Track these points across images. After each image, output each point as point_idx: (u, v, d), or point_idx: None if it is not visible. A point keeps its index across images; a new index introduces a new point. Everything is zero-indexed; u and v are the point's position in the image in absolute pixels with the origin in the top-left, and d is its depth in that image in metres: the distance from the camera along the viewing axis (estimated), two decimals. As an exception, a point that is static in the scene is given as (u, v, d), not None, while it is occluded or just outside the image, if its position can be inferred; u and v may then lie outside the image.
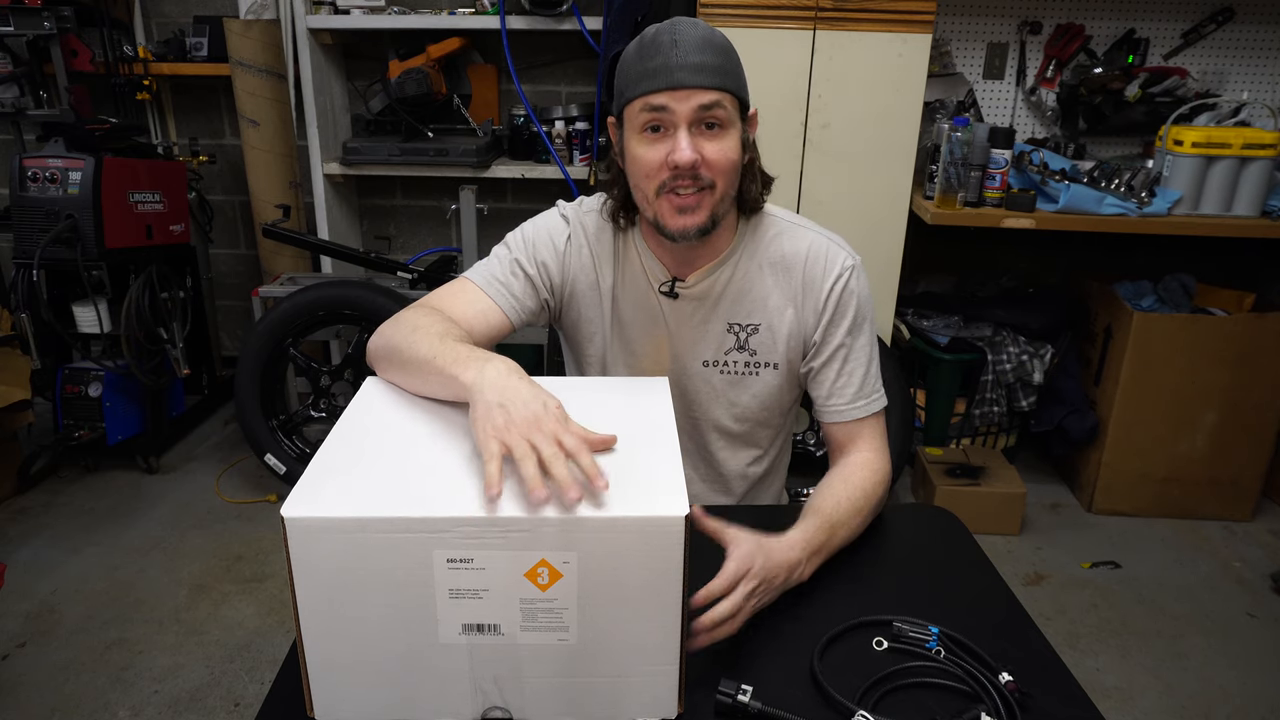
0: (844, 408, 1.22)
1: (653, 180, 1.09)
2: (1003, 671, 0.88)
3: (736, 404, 1.27)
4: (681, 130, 1.06)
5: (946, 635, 0.93)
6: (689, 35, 1.06)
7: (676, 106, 1.05)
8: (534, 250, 1.22)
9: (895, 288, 2.60)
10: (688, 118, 1.06)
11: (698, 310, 1.22)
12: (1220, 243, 2.56)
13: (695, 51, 1.05)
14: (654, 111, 1.06)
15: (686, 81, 1.04)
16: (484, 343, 1.15)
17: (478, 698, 0.80)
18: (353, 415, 0.91)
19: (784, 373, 1.25)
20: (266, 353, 2.61)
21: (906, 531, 1.23)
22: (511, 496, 0.75)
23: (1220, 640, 2.18)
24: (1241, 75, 2.87)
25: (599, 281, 1.24)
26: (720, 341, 1.23)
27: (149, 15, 3.20)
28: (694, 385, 1.26)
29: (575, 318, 1.27)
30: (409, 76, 2.84)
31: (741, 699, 0.83)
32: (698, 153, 1.06)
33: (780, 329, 1.22)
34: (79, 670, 2.01)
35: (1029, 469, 2.95)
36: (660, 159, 1.08)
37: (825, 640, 0.93)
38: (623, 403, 0.97)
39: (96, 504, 2.71)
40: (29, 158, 2.53)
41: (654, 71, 1.05)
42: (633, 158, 1.11)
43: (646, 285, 1.23)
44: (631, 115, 1.09)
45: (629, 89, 1.08)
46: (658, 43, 1.06)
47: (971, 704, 0.85)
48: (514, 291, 1.20)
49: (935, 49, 2.80)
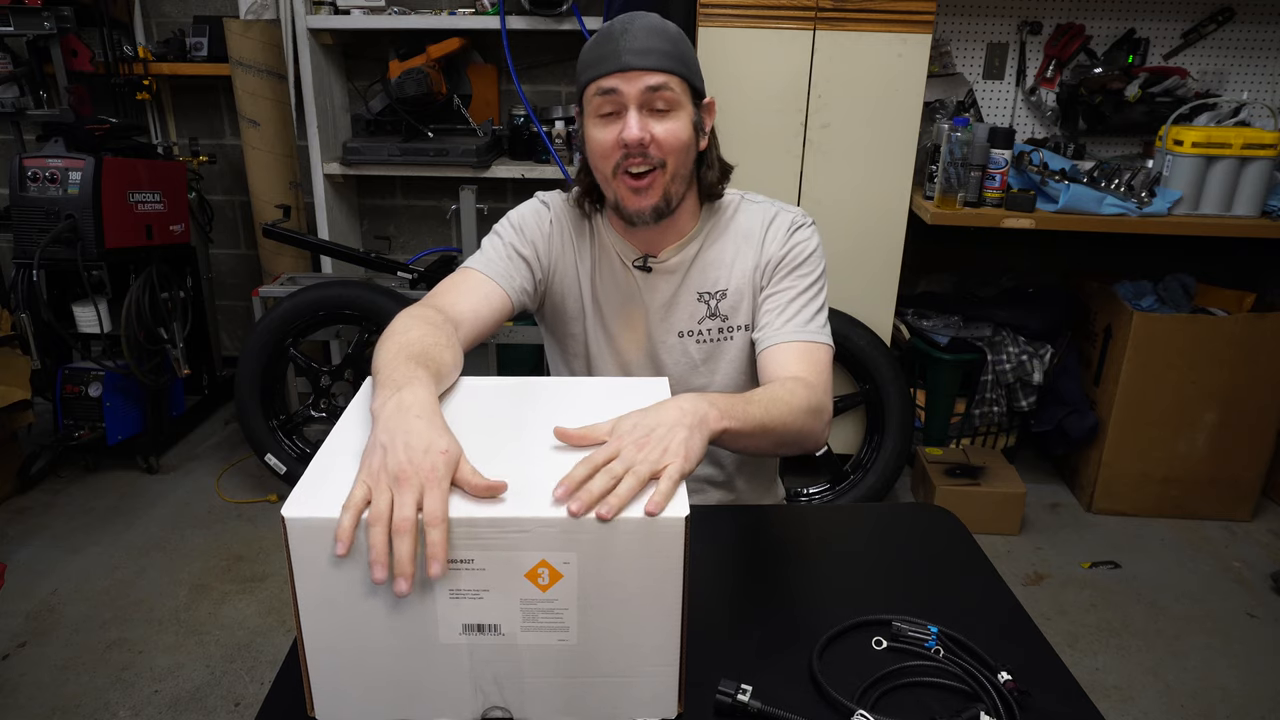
0: (775, 333, 1.21)
1: (608, 160, 1.15)
2: (1002, 671, 0.88)
3: (716, 371, 1.31)
4: (631, 111, 1.12)
5: (945, 635, 0.93)
6: (639, 24, 1.13)
7: (625, 88, 1.11)
8: (524, 235, 1.27)
9: (895, 288, 2.60)
10: (636, 99, 1.11)
11: (670, 282, 1.27)
12: (1220, 243, 2.56)
13: (643, 37, 1.11)
14: (605, 95, 1.12)
15: (634, 64, 1.10)
16: (490, 327, 1.19)
17: (478, 698, 0.80)
18: (353, 415, 0.91)
19: (749, 333, 1.29)
20: (266, 353, 2.61)
21: (906, 531, 1.23)
22: (512, 495, 0.75)
23: (1220, 640, 2.18)
24: (1241, 75, 2.87)
25: (577, 265, 1.29)
26: (693, 311, 1.28)
27: (149, 15, 3.21)
28: (672, 358, 1.30)
29: (559, 299, 1.31)
30: (409, 76, 2.84)
31: (741, 698, 0.83)
32: (646, 131, 1.12)
33: (745, 289, 1.27)
34: (79, 670, 2.01)
35: (1029, 469, 2.95)
36: (613, 139, 1.13)
37: (825, 640, 0.93)
38: (623, 403, 0.97)
39: (96, 504, 2.71)
40: (29, 158, 2.53)
41: (604, 57, 1.12)
42: (589, 139, 1.17)
43: (620, 265, 1.28)
44: (587, 101, 1.15)
45: (583, 74, 1.15)
46: (610, 32, 1.13)
47: (970, 703, 0.85)
48: (513, 274, 1.24)
49: (935, 49, 2.81)
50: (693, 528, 0.74)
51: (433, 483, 0.73)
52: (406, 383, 0.86)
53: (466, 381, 1.00)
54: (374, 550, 0.71)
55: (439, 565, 0.70)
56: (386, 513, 0.71)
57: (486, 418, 0.92)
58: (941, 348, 2.77)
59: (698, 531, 0.76)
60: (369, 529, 0.71)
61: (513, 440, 0.86)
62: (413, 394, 0.83)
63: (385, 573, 0.70)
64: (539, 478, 0.78)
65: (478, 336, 1.16)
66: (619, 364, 1.32)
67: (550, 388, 1.02)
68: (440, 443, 0.77)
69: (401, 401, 0.82)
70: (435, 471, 0.74)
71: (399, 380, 0.86)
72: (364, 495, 0.73)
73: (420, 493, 0.72)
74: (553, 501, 0.74)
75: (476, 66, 3.10)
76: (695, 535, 0.75)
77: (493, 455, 0.81)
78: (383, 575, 0.70)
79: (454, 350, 1.02)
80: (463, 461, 0.77)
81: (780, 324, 1.22)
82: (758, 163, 2.46)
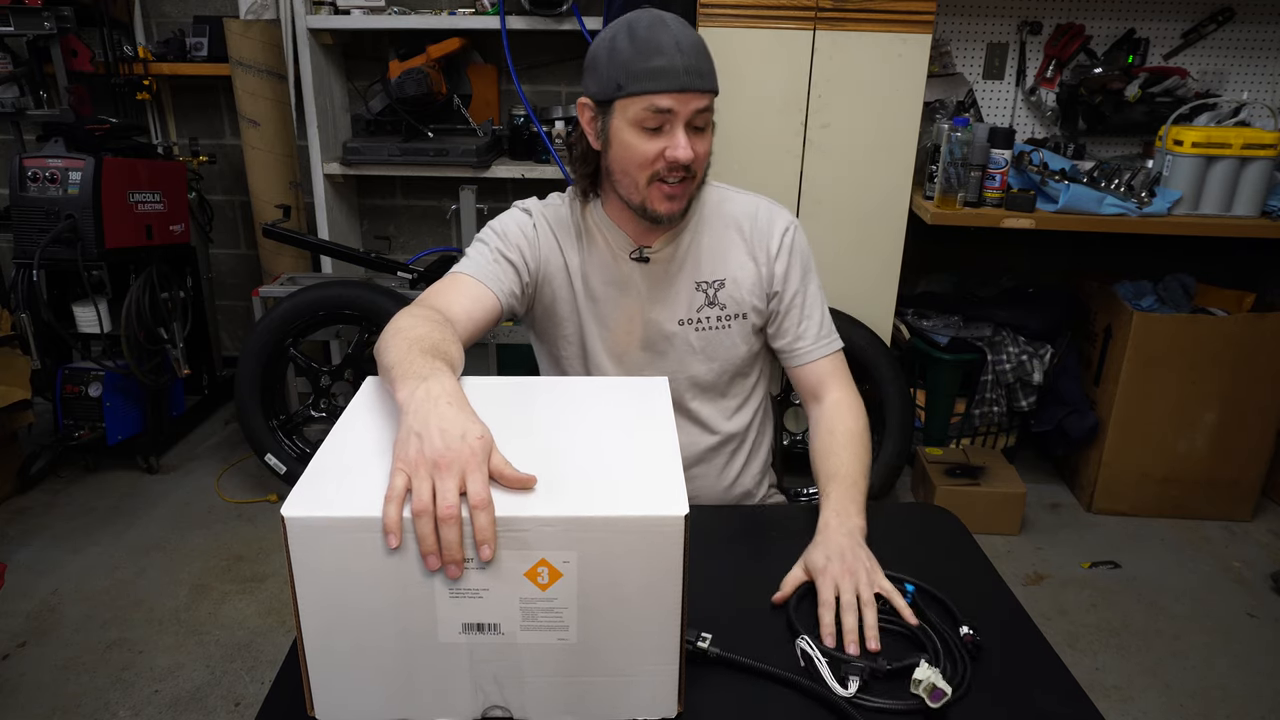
0: (810, 348, 1.34)
1: (645, 170, 1.18)
2: (964, 626, 0.94)
3: (714, 357, 1.34)
4: (680, 130, 1.16)
5: (923, 589, 1.01)
6: (687, 38, 1.14)
7: (680, 109, 1.14)
8: (507, 238, 1.28)
9: (895, 288, 2.59)
10: (686, 118, 1.15)
11: (666, 272, 1.31)
12: (1220, 243, 2.56)
13: (695, 55, 1.14)
14: (659, 113, 1.14)
15: (692, 86, 1.14)
16: (481, 330, 1.20)
17: (478, 697, 0.80)
18: (353, 415, 0.91)
19: (751, 321, 1.34)
20: (266, 353, 2.61)
21: (906, 531, 1.23)
22: (512, 494, 0.75)
23: (1220, 640, 2.18)
24: (1241, 75, 2.87)
25: (566, 264, 1.30)
26: (691, 300, 1.32)
27: (149, 15, 3.21)
28: (672, 346, 1.33)
29: (549, 301, 1.32)
30: (409, 76, 2.84)
31: (701, 645, 0.89)
32: (692, 150, 1.16)
33: (743, 280, 1.32)
34: (79, 670, 2.01)
35: (1029, 469, 2.95)
36: (656, 152, 1.17)
37: (799, 594, 1.02)
38: (623, 403, 0.97)
39: (96, 504, 2.71)
40: (29, 158, 2.53)
41: (659, 72, 1.12)
42: (624, 145, 1.18)
43: (613, 256, 1.30)
44: (628, 107, 1.15)
45: (629, 83, 1.14)
46: (658, 42, 1.13)
47: (918, 653, 0.91)
48: (502, 278, 1.25)
49: (935, 49, 2.81)
50: (692, 527, 0.74)
51: (473, 467, 0.74)
52: (431, 374, 0.87)
53: (466, 381, 1.00)
54: (423, 541, 0.71)
55: (489, 548, 0.71)
56: (430, 501, 0.72)
57: (486, 417, 0.92)
58: (941, 348, 2.77)
59: (697, 531, 0.76)
60: (415, 520, 0.72)
61: (513, 440, 0.86)
62: (439, 384, 0.84)
63: (439, 561, 0.72)
64: (538, 477, 0.77)
65: (470, 338, 1.17)
66: (614, 356, 1.33)
67: (550, 387, 1.03)
68: (475, 428, 0.78)
69: (430, 391, 0.83)
70: (475, 456, 0.75)
71: (422, 372, 0.87)
72: (404, 484, 0.74)
73: (461, 478, 0.73)
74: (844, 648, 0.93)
75: (476, 66, 3.10)
76: (694, 534, 0.75)
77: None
78: (437, 564, 0.72)
79: (459, 347, 1.03)
80: (495, 451, 0.78)
81: (812, 338, 1.34)
82: (758, 163, 2.46)
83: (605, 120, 1.19)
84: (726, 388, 1.38)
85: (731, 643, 0.90)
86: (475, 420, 0.80)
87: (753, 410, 1.42)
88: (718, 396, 1.38)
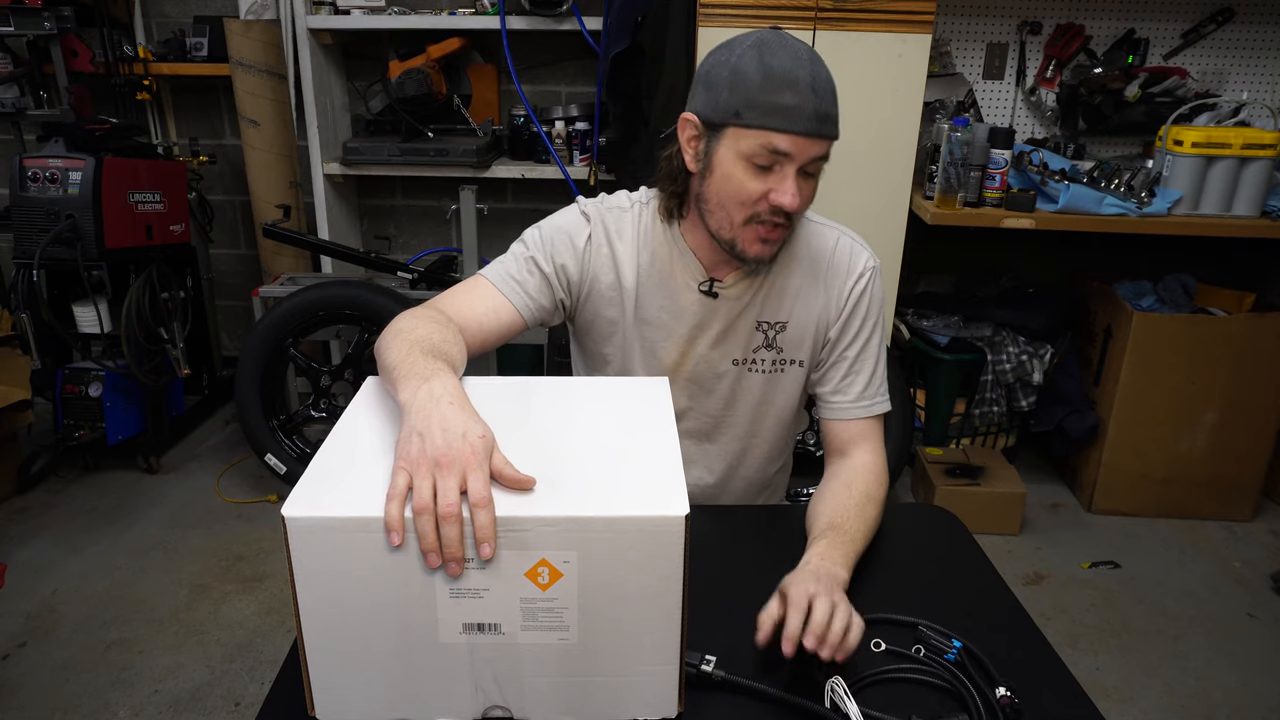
0: (848, 405, 1.23)
1: (746, 209, 1.09)
2: (1001, 687, 0.86)
3: (771, 403, 1.27)
4: (792, 176, 1.06)
5: (969, 650, 0.92)
6: (823, 78, 1.05)
7: (798, 154, 1.04)
8: (551, 249, 1.20)
9: (895, 288, 2.59)
10: (801, 164, 1.06)
11: (732, 309, 1.21)
12: (1220, 243, 2.56)
13: (828, 99, 1.05)
14: (774, 153, 1.04)
15: (818, 132, 1.04)
16: (493, 339, 1.16)
17: (478, 697, 0.80)
18: (353, 415, 0.91)
19: (806, 369, 1.26)
20: (266, 353, 2.61)
21: (906, 531, 1.23)
22: (512, 494, 0.75)
23: (1220, 640, 2.18)
24: (1241, 75, 2.86)
25: (620, 280, 1.21)
26: (749, 339, 1.23)
27: (149, 15, 3.21)
28: (720, 384, 1.25)
29: (592, 316, 1.24)
30: (409, 76, 2.84)
31: (705, 669, 0.85)
32: (800, 198, 1.07)
33: (807, 324, 1.23)
34: (79, 670, 2.01)
35: (1029, 469, 2.95)
36: (760, 193, 1.07)
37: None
38: (623, 402, 0.97)
39: (96, 504, 2.71)
40: (29, 158, 2.53)
41: (786, 111, 1.02)
42: (726, 177, 1.08)
43: (680, 284, 1.21)
44: (741, 139, 1.05)
45: (748, 113, 1.03)
46: (792, 77, 1.03)
47: (957, 711, 0.85)
48: (528, 289, 1.18)
49: (935, 49, 2.80)
50: (693, 527, 0.74)
51: (474, 466, 0.74)
52: (433, 374, 0.87)
53: (468, 381, 1.00)
54: (424, 539, 0.72)
55: (489, 546, 0.71)
56: (431, 499, 0.72)
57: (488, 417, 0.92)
58: (941, 348, 2.77)
59: (698, 531, 0.76)
60: (416, 518, 0.72)
61: (514, 439, 0.86)
62: (441, 384, 0.84)
63: (440, 559, 0.72)
64: (538, 477, 0.77)
65: (481, 345, 1.13)
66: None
67: (550, 387, 1.02)
68: (477, 428, 0.78)
69: (432, 391, 0.83)
70: (476, 455, 0.75)
71: (424, 372, 0.87)
72: (406, 483, 0.74)
73: (463, 477, 0.74)
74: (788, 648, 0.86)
75: (476, 66, 3.10)
76: (695, 535, 0.75)
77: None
78: (437, 562, 0.72)
79: (461, 348, 1.02)
80: (496, 451, 0.78)
81: (854, 395, 1.23)
82: (758, 163, 2.45)
83: (711, 144, 1.09)
84: (778, 436, 1.31)
85: (733, 652, 0.90)
86: (477, 420, 0.80)
87: (785, 458, 1.37)
88: (770, 445, 1.32)
